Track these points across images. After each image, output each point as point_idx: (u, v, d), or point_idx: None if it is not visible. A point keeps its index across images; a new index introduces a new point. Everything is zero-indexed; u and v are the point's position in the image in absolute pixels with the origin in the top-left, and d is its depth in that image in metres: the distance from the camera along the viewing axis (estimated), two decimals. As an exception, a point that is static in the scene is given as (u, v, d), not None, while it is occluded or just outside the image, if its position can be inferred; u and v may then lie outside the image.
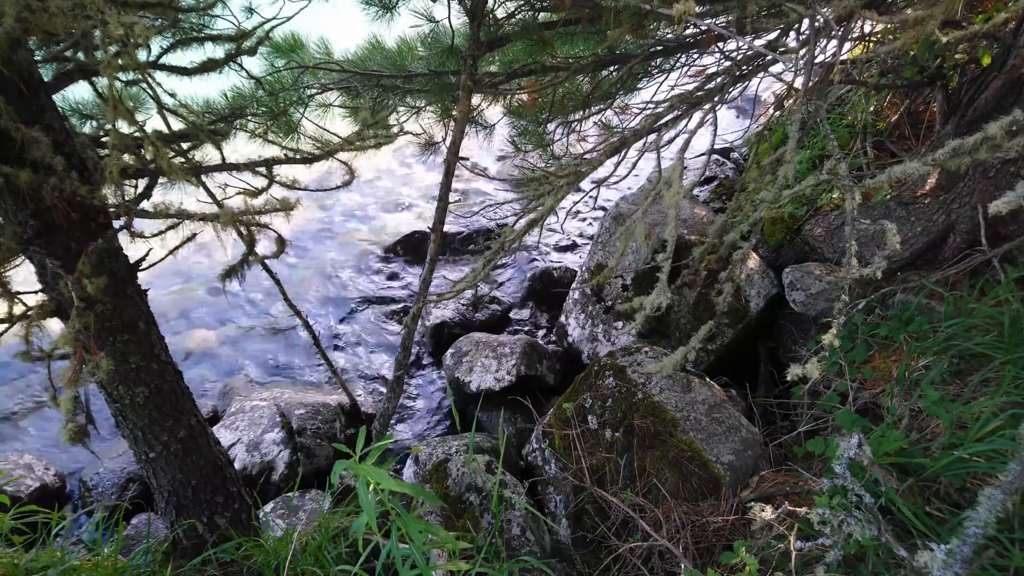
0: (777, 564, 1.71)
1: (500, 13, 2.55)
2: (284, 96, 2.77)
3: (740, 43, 1.91)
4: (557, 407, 2.91)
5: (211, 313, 4.62)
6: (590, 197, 5.43)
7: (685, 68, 3.41)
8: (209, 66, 1.95)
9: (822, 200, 3.38)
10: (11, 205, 1.31)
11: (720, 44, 2.96)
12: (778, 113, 4.40)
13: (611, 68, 3.03)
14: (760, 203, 1.86)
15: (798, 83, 1.62)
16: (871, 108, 3.82)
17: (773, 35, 2.58)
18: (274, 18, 2.17)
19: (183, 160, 2.04)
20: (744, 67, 2.42)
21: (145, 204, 1.79)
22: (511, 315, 4.64)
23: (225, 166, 1.92)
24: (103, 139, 1.89)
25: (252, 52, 2.12)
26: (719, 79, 2.28)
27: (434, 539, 1.69)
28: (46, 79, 1.43)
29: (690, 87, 2.72)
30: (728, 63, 2.78)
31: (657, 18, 2.12)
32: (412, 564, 1.51)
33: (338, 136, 2.45)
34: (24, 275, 1.44)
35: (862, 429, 2.08)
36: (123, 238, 1.60)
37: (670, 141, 2.55)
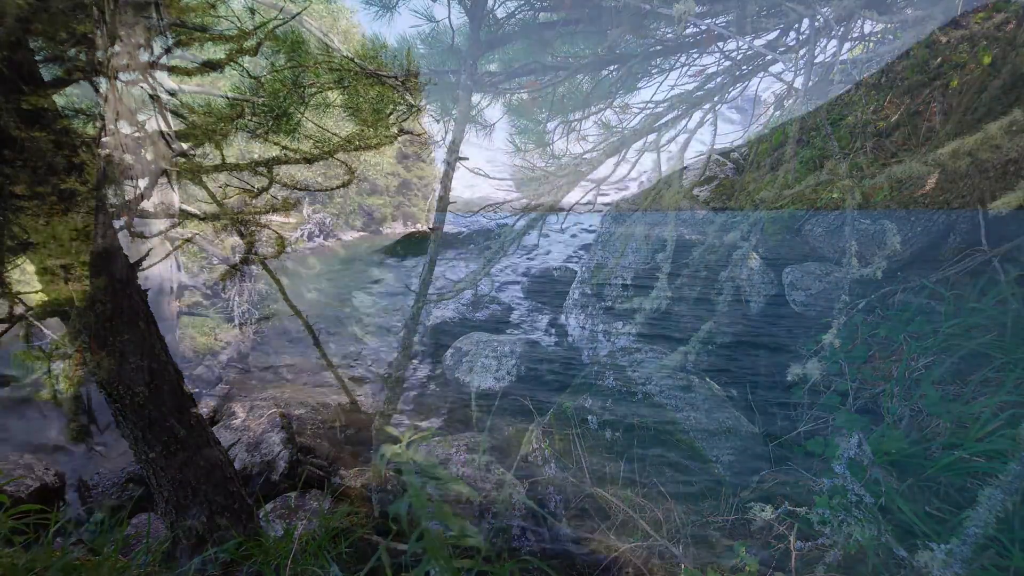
0: (777, 564, 1.71)
1: (500, 13, 2.55)
2: (284, 96, 2.77)
3: (740, 43, 1.91)
4: (557, 407, 2.91)
5: (212, 313, 4.61)
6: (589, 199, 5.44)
7: (685, 68, 3.41)
8: (210, 66, 1.95)
9: (822, 200, 3.38)
10: (11, 205, 1.31)
11: (720, 44, 2.96)
12: (778, 113, 4.40)
13: (611, 68, 3.03)
14: (760, 203, 1.86)
15: (798, 83, 1.62)
16: (871, 108, 3.81)
17: (773, 35, 2.58)
18: (275, 17, 2.17)
19: (183, 160, 2.03)
20: (744, 67, 2.42)
21: (145, 204, 1.79)
22: (511, 315, 4.64)
23: (225, 166, 1.92)
24: (103, 139, 1.89)
25: (253, 52, 2.12)
26: (719, 79, 2.28)
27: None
28: (46, 79, 1.43)
29: (690, 87, 2.72)
30: (728, 63, 2.78)
31: (657, 18, 2.12)
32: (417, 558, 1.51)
33: (338, 136, 2.45)
34: (24, 275, 1.44)
35: (862, 429, 2.08)
36: (123, 238, 1.60)
37: (670, 141, 2.55)
